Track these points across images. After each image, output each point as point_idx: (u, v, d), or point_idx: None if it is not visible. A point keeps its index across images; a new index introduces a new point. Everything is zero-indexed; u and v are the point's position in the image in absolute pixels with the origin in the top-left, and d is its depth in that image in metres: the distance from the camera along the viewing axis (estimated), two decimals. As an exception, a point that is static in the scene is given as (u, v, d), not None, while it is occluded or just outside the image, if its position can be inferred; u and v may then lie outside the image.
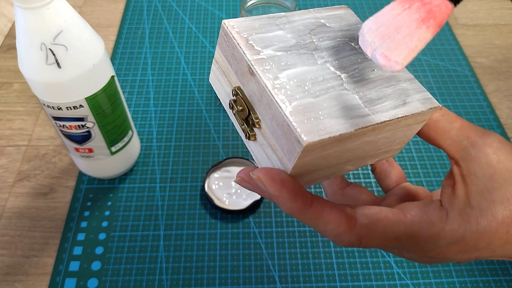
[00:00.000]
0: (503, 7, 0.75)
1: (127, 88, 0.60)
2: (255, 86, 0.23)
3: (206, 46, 0.66)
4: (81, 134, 0.42)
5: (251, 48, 0.24)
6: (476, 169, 0.23)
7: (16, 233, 0.47)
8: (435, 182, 0.51)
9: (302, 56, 0.24)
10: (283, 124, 0.21)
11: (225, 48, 0.25)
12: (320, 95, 0.22)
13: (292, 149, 0.21)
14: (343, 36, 0.26)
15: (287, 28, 0.25)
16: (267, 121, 0.23)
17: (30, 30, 0.33)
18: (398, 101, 0.24)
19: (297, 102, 0.22)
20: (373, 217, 0.23)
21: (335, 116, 0.22)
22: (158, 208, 0.48)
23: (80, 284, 0.43)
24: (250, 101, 0.24)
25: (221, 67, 0.26)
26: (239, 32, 0.24)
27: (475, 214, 0.23)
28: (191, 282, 0.43)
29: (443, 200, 0.24)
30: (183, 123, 0.56)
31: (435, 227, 0.23)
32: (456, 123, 0.25)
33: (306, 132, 0.20)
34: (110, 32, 0.68)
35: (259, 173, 0.22)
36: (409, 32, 0.20)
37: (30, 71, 0.36)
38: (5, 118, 0.57)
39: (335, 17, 0.27)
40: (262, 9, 0.60)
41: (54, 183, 0.50)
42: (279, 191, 0.22)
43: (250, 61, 0.23)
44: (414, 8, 0.21)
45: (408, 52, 0.21)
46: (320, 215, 0.22)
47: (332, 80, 0.23)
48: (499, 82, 0.63)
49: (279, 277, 0.44)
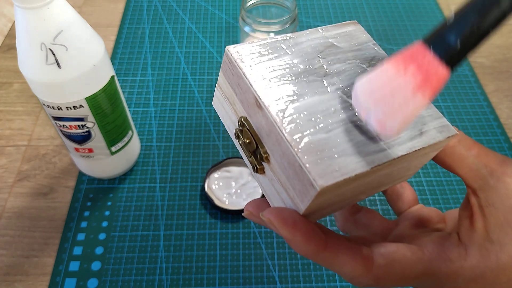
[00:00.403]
0: (503, 7, 0.75)
1: (127, 88, 0.60)
2: (263, 120, 0.22)
3: (206, 46, 0.66)
4: (81, 134, 0.42)
5: (258, 78, 0.22)
6: (495, 200, 0.22)
7: (16, 233, 0.47)
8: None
9: (312, 84, 0.23)
10: (295, 164, 0.20)
11: (229, 75, 0.24)
12: (333, 129, 0.21)
13: (305, 191, 0.20)
14: (353, 57, 0.25)
15: (294, 52, 0.24)
16: (277, 158, 0.21)
17: (30, 30, 0.33)
18: (414, 131, 0.22)
19: (308, 138, 0.20)
20: (390, 257, 0.22)
21: (350, 153, 0.20)
22: (158, 208, 0.48)
23: (80, 284, 0.43)
24: (257, 134, 0.22)
25: (225, 93, 0.25)
26: (243, 59, 0.23)
27: (495, 249, 0.21)
28: (191, 282, 0.43)
29: (461, 233, 0.23)
30: (183, 123, 0.56)
31: (453, 265, 0.22)
32: (474, 149, 0.23)
33: (320, 175, 0.19)
34: (110, 32, 0.68)
35: (270, 214, 0.21)
36: (405, 99, 0.19)
37: (30, 71, 0.36)
38: (5, 118, 0.57)
39: (344, 36, 0.26)
40: (262, 9, 0.60)
41: (54, 183, 0.50)
42: (292, 234, 0.21)
43: (257, 93, 0.21)
44: (410, 74, 0.19)
45: (404, 119, 0.20)
46: (336, 257, 0.21)
47: (345, 110, 0.22)
48: (499, 82, 0.63)
49: (279, 277, 0.44)
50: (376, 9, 0.73)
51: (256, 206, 0.24)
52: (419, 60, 0.20)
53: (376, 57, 0.25)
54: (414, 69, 0.20)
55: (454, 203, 0.50)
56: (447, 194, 0.50)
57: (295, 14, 0.55)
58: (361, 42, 0.26)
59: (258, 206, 0.24)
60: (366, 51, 0.25)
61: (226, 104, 0.25)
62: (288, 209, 0.21)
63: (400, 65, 0.20)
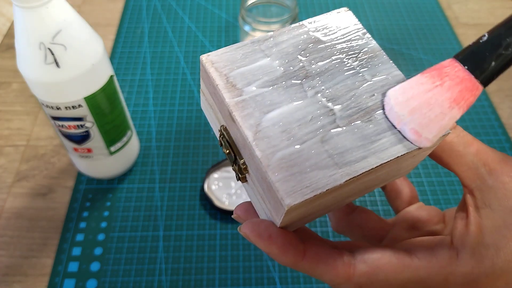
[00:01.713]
0: (504, 6, 0.75)
1: (126, 87, 0.60)
2: (237, 133, 0.21)
3: (206, 46, 0.66)
4: (80, 134, 0.42)
5: (231, 89, 0.21)
6: (492, 201, 0.21)
7: (15, 233, 0.46)
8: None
9: (290, 90, 0.21)
10: (266, 180, 0.19)
11: (207, 84, 0.23)
12: (308, 139, 0.20)
13: (277, 207, 0.19)
14: (339, 51, 0.23)
15: (274, 54, 0.22)
16: (253, 171, 0.21)
17: (29, 30, 0.33)
18: (399, 135, 0.21)
19: (281, 153, 0.19)
20: (373, 263, 0.21)
21: (323, 165, 0.19)
22: (157, 208, 0.48)
23: (79, 285, 0.43)
24: (236, 145, 0.22)
25: (207, 100, 0.24)
26: (218, 69, 0.22)
27: (490, 254, 0.20)
28: (191, 283, 0.43)
29: (454, 236, 0.22)
30: (183, 123, 0.56)
31: (444, 271, 0.21)
32: (473, 146, 0.22)
33: (289, 193, 0.18)
34: (109, 32, 0.68)
35: (246, 229, 0.21)
36: (442, 111, 0.20)
37: (29, 70, 0.36)
38: (3, 118, 0.57)
39: (331, 27, 0.24)
40: (262, 8, 0.60)
41: (53, 183, 0.50)
42: (268, 247, 0.20)
43: (229, 106, 0.20)
44: (446, 87, 0.20)
45: (439, 130, 0.20)
46: (315, 266, 0.21)
47: (323, 117, 0.21)
48: (500, 82, 0.62)
49: (279, 278, 0.44)
50: (377, 8, 0.73)
51: (244, 210, 0.23)
52: (453, 75, 0.20)
53: (364, 49, 0.23)
54: (450, 83, 0.20)
55: (455, 203, 0.49)
56: (448, 194, 0.50)
57: (295, 13, 0.54)
58: (349, 33, 0.24)
59: (246, 210, 0.23)
60: (354, 42, 0.24)
61: (210, 110, 0.24)
62: (265, 221, 0.21)
63: (436, 78, 0.21)
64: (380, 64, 0.23)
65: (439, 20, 0.71)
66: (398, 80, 0.22)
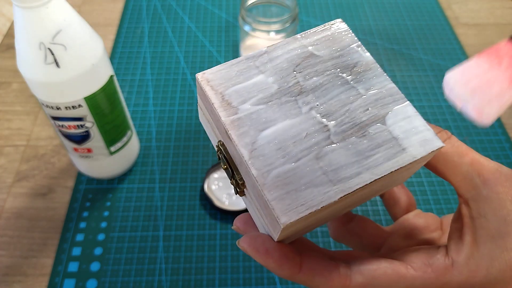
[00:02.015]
0: (504, 6, 0.75)
1: (126, 87, 0.60)
2: (233, 150, 0.21)
3: (206, 46, 0.66)
4: (80, 134, 0.42)
5: (227, 107, 0.21)
6: (487, 211, 0.21)
7: (15, 233, 0.46)
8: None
9: (285, 106, 0.22)
10: (263, 198, 0.20)
11: (204, 101, 0.23)
12: (302, 157, 0.20)
13: (274, 223, 0.20)
14: (333, 66, 0.23)
15: (268, 70, 0.23)
16: (250, 187, 0.21)
17: (29, 30, 0.33)
18: (393, 149, 0.21)
19: (276, 171, 0.20)
20: (369, 275, 0.21)
21: (318, 183, 0.20)
22: (157, 208, 0.48)
23: (79, 285, 0.43)
24: (233, 161, 0.22)
25: (204, 115, 0.24)
26: (213, 87, 0.22)
27: (484, 264, 0.21)
28: (191, 283, 0.43)
29: (449, 246, 0.22)
30: (183, 123, 0.56)
31: (439, 281, 0.21)
32: (467, 156, 0.22)
33: (284, 212, 0.19)
34: (109, 31, 0.68)
35: (244, 243, 0.22)
36: (502, 89, 0.21)
37: (29, 70, 0.36)
38: (3, 118, 0.57)
39: (325, 40, 0.24)
40: (262, 8, 0.60)
41: (53, 184, 0.50)
42: (265, 261, 0.21)
43: (225, 125, 0.21)
44: (505, 66, 0.21)
45: (500, 107, 0.21)
46: (311, 278, 0.21)
47: (318, 134, 0.21)
48: (500, 82, 0.63)
49: (279, 278, 0.44)
50: (376, 8, 0.73)
51: (243, 222, 0.24)
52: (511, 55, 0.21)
53: (359, 62, 0.23)
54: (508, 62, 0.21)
55: (455, 203, 0.49)
56: (448, 194, 0.50)
57: (295, 13, 0.54)
58: (343, 46, 0.24)
59: (245, 222, 0.24)
60: (349, 56, 0.24)
61: (207, 124, 0.24)
62: (262, 236, 0.22)
63: (493, 59, 0.21)
64: (374, 77, 0.23)
65: (439, 20, 0.71)
66: (392, 93, 0.23)
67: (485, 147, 0.55)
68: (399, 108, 0.22)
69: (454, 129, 0.56)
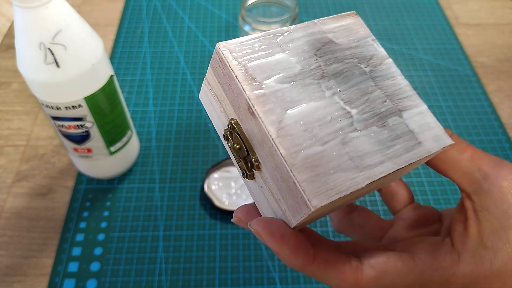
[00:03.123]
0: (505, 6, 0.75)
1: (126, 87, 0.60)
2: (255, 128, 0.20)
3: (206, 46, 0.66)
4: (80, 134, 0.42)
5: (250, 82, 0.20)
6: (489, 205, 0.22)
7: (15, 233, 0.46)
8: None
9: (309, 88, 0.21)
10: (288, 180, 0.19)
11: (219, 74, 0.22)
12: (329, 140, 0.20)
13: (297, 208, 0.19)
14: (351, 55, 0.23)
15: (290, 49, 0.22)
16: (269, 169, 0.20)
17: (29, 30, 0.33)
18: (411, 142, 0.21)
19: (304, 153, 0.19)
20: (380, 268, 0.21)
21: (345, 168, 0.19)
22: (157, 208, 0.48)
23: (79, 285, 0.43)
24: (249, 140, 0.21)
25: (214, 90, 0.23)
26: (236, 58, 0.21)
27: (489, 256, 0.21)
28: (191, 283, 0.43)
29: (454, 238, 0.23)
30: (183, 123, 0.56)
31: (446, 273, 0.21)
32: (467, 152, 0.23)
33: (315, 195, 0.18)
34: (109, 31, 0.68)
35: (258, 226, 0.21)
36: None
37: (29, 70, 0.36)
38: (3, 118, 0.57)
39: (343, 30, 0.24)
40: (262, 8, 0.60)
41: (52, 184, 0.50)
42: (279, 247, 0.20)
43: (250, 100, 0.20)
44: None
45: None
46: (324, 271, 0.21)
47: (342, 119, 0.21)
48: (500, 82, 0.62)
49: (280, 278, 0.44)
50: (376, 8, 0.73)
51: (245, 213, 0.23)
52: None
53: (374, 55, 0.24)
54: None
55: (455, 203, 0.49)
56: (448, 194, 0.50)
57: (295, 13, 0.54)
58: (359, 38, 0.24)
59: (247, 212, 0.23)
60: (365, 48, 0.24)
61: (214, 102, 0.23)
62: (277, 220, 0.21)
63: None
64: (389, 71, 0.24)
65: (439, 20, 0.71)
66: (406, 89, 0.23)
67: (485, 147, 0.55)
68: (413, 103, 0.23)
69: (454, 129, 0.56)
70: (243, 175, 0.22)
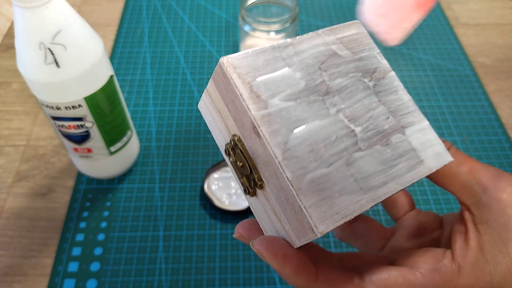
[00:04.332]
0: (505, 6, 0.75)
1: (126, 87, 0.60)
2: (260, 148, 0.20)
3: (206, 46, 0.66)
4: (80, 134, 0.42)
5: (256, 100, 0.20)
6: (489, 217, 0.22)
7: (15, 233, 0.46)
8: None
9: (313, 106, 0.21)
10: (294, 204, 0.19)
11: (222, 89, 0.21)
12: (334, 162, 0.20)
13: (302, 231, 0.19)
14: (355, 69, 0.23)
15: (295, 64, 0.22)
16: (273, 189, 0.20)
17: (29, 30, 0.33)
18: (413, 161, 0.21)
19: (310, 176, 0.19)
20: (381, 285, 0.22)
21: (350, 190, 0.19)
22: (157, 208, 0.48)
23: (79, 285, 0.43)
24: (252, 159, 0.21)
25: (215, 104, 0.22)
26: (240, 75, 0.20)
27: (488, 269, 0.21)
28: (191, 283, 0.43)
29: (454, 251, 0.23)
30: (183, 123, 0.56)
31: (447, 286, 0.22)
32: (465, 165, 0.23)
33: (321, 220, 0.18)
34: (109, 31, 0.68)
35: (260, 246, 0.21)
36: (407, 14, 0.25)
37: (29, 70, 0.36)
38: (3, 118, 0.57)
39: (347, 41, 0.24)
40: (262, 8, 0.60)
41: (52, 184, 0.50)
42: (282, 267, 0.20)
43: (255, 120, 0.19)
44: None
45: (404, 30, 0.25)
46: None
47: (346, 139, 0.21)
48: (500, 82, 0.63)
49: (279, 278, 0.44)
50: (376, 9, 0.73)
51: (247, 229, 0.23)
52: None
53: (377, 68, 0.24)
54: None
55: (455, 203, 0.49)
56: (448, 194, 0.50)
57: (295, 13, 0.54)
58: (363, 50, 0.24)
59: (249, 229, 0.23)
60: (368, 60, 0.24)
61: (215, 115, 0.23)
62: (279, 239, 0.21)
63: None
64: (392, 86, 0.24)
65: (439, 20, 0.71)
66: (408, 104, 0.23)
67: (485, 147, 0.55)
68: (415, 120, 0.23)
69: (454, 129, 0.56)
70: (245, 192, 0.22)
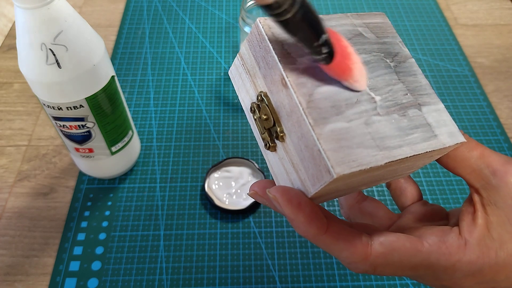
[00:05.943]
0: (503, 7, 0.75)
1: (127, 88, 0.60)
2: (286, 99, 0.22)
3: (206, 46, 0.66)
4: (81, 134, 0.42)
5: (286, 56, 0.22)
6: (497, 199, 0.23)
7: (16, 233, 0.47)
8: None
9: None
10: (313, 149, 0.20)
11: (255, 48, 0.23)
12: (354, 119, 0.21)
13: (319, 175, 0.20)
14: (378, 50, 0.25)
15: None
16: (294, 139, 0.21)
17: (30, 30, 0.33)
18: (428, 134, 0.23)
19: (330, 126, 0.20)
20: (389, 246, 0.22)
21: (367, 145, 0.21)
22: (158, 208, 0.48)
23: (80, 284, 0.43)
24: (276, 112, 0.22)
25: (246, 65, 0.24)
26: (274, 34, 0.22)
27: (495, 246, 0.22)
28: (191, 282, 0.43)
29: (462, 228, 0.23)
30: (183, 123, 0.56)
31: (452, 258, 0.22)
32: (476, 150, 0.24)
33: (338, 163, 0.19)
34: (110, 32, 0.68)
35: (276, 192, 0.21)
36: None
37: (30, 71, 0.36)
38: (5, 118, 0.57)
39: (372, 26, 0.26)
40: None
41: (54, 183, 0.50)
42: (295, 214, 0.21)
43: (284, 72, 0.21)
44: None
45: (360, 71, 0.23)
46: (335, 242, 0.22)
47: (366, 103, 0.22)
48: (499, 82, 0.63)
49: (279, 277, 0.44)
50: (376, 9, 0.73)
51: (262, 187, 0.24)
52: None
53: (399, 53, 0.25)
54: None
55: (454, 203, 0.50)
56: (447, 194, 0.50)
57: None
58: (387, 36, 0.26)
59: (264, 186, 0.24)
60: (391, 46, 0.26)
61: (245, 76, 0.25)
62: (295, 189, 0.22)
63: None
64: (412, 69, 0.25)
65: (438, 21, 0.71)
66: (426, 87, 0.25)
67: (484, 147, 0.55)
68: (431, 101, 0.24)
69: (453, 129, 0.57)
70: (266, 147, 0.24)
